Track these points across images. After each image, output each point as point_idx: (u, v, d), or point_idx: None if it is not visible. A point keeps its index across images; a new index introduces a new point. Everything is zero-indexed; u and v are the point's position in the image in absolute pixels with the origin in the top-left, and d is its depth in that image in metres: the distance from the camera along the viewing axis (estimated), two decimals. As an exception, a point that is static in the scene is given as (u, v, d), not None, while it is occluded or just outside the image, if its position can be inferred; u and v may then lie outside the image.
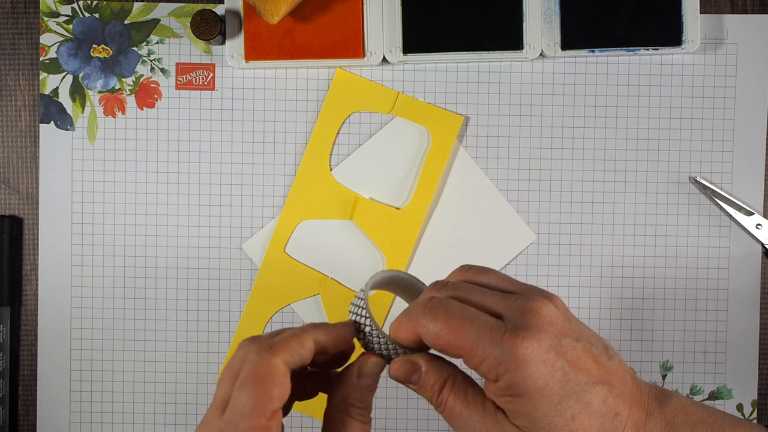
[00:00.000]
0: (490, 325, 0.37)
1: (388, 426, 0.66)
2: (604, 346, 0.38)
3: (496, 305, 0.38)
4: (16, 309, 0.66)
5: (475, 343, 0.36)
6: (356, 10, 0.63)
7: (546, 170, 0.66)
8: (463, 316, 0.37)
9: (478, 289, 0.39)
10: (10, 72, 0.66)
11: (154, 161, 0.66)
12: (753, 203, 0.66)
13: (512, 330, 0.36)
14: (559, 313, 0.38)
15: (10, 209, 0.66)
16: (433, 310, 0.38)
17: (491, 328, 0.36)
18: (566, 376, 0.36)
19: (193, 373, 0.66)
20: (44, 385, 0.66)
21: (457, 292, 0.39)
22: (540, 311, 0.37)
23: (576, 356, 0.37)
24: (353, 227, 0.65)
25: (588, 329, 0.39)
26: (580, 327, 0.38)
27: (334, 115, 0.65)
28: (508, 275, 0.41)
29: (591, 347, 0.37)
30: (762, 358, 0.66)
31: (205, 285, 0.66)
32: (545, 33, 0.64)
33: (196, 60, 0.66)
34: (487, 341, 0.36)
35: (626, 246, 0.66)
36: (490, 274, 0.41)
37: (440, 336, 0.37)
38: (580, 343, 0.37)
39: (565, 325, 0.37)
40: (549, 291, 0.39)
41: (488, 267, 0.41)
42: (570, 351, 0.37)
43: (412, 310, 0.39)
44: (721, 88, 0.66)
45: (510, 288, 0.40)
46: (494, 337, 0.36)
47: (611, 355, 0.38)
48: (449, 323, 0.37)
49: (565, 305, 0.39)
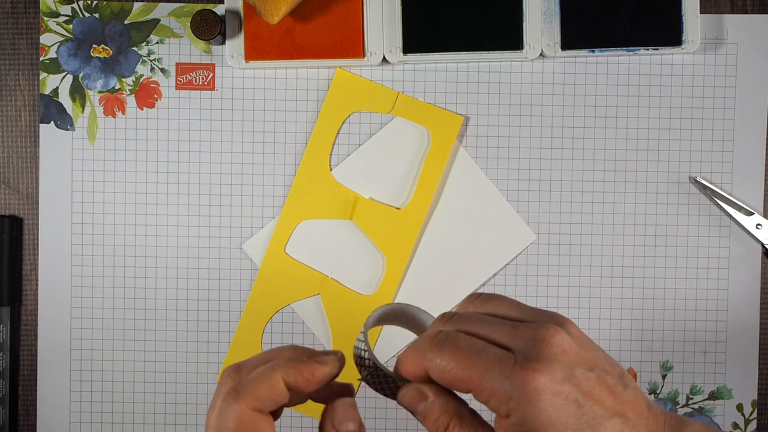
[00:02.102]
0: (499, 357, 0.35)
1: (388, 426, 0.66)
2: (619, 373, 0.37)
3: (505, 336, 0.36)
4: (16, 309, 0.66)
5: (483, 377, 0.35)
6: (356, 10, 0.63)
7: (546, 170, 0.66)
8: (470, 349, 0.36)
9: (487, 319, 0.38)
10: (10, 72, 0.66)
11: (154, 161, 0.66)
12: (753, 203, 0.66)
13: (522, 362, 0.35)
14: (572, 341, 0.36)
15: (10, 209, 0.66)
16: (440, 344, 0.36)
17: (500, 361, 0.35)
18: (580, 409, 0.35)
19: (193, 373, 0.66)
20: (44, 385, 0.66)
21: (464, 324, 0.38)
22: (551, 340, 0.35)
23: (590, 387, 0.35)
24: (353, 227, 0.65)
25: (602, 355, 0.37)
26: (594, 354, 0.37)
27: (334, 115, 0.65)
28: (517, 301, 0.39)
29: (605, 377, 0.36)
30: (762, 358, 0.66)
31: (205, 285, 0.66)
32: (545, 33, 0.64)
33: (196, 60, 0.66)
34: (496, 375, 0.35)
35: (626, 246, 0.66)
36: (499, 302, 0.39)
37: (448, 371, 0.36)
38: (594, 372, 0.36)
39: (578, 354, 0.36)
40: (561, 315, 0.38)
41: (497, 294, 0.40)
42: (584, 382, 0.35)
43: (419, 344, 0.37)
44: (721, 88, 0.66)
45: (520, 315, 0.38)
46: (503, 371, 0.35)
47: (626, 383, 0.37)
48: (457, 357, 0.36)
49: (578, 330, 0.37)
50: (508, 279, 0.66)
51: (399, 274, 0.65)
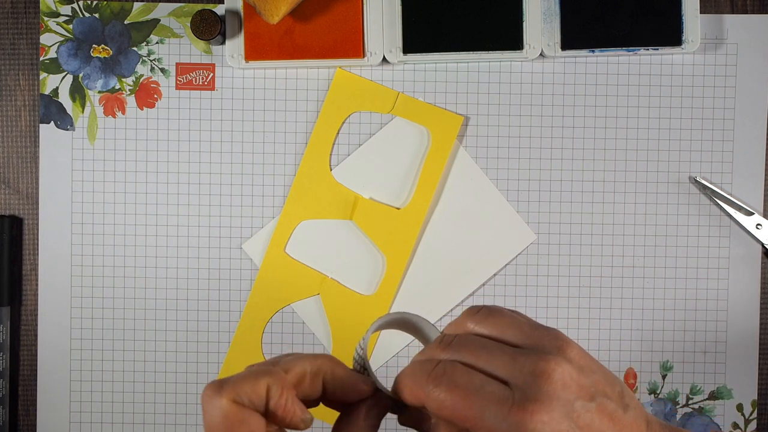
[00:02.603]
0: (497, 397, 0.34)
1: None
2: (620, 393, 0.36)
3: (503, 368, 0.36)
4: (16, 309, 0.66)
5: (481, 417, 0.34)
6: (356, 10, 0.63)
7: (546, 170, 0.66)
8: (468, 386, 0.35)
9: (486, 347, 0.37)
10: (10, 72, 0.66)
11: (154, 161, 0.66)
12: (753, 203, 0.66)
13: (520, 402, 0.34)
14: (573, 371, 0.35)
15: (10, 209, 0.66)
16: (438, 379, 0.36)
17: (498, 401, 0.34)
18: None
19: (193, 373, 0.66)
20: (44, 385, 0.66)
21: (463, 352, 0.37)
22: (551, 375, 0.35)
23: (589, 419, 0.35)
24: (353, 227, 0.65)
25: (603, 375, 0.36)
26: (594, 379, 0.36)
27: (334, 115, 0.65)
28: (518, 315, 0.39)
29: (606, 403, 0.35)
30: (762, 358, 0.66)
31: (205, 285, 0.66)
32: (545, 33, 0.64)
33: (196, 60, 0.66)
34: (493, 415, 0.34)
35: (626, 246, 0.66)
36: (498, 319, 0.38)
37: (445, 407, 0.35)
38: (594, 402, 0.35)
39: (579, 384, 0.35)
40: (562, 335, 0.37)
41: (497, 308, 0.39)
42: (584, 415, 0.35)
43: (416, 372, 0.37)
44: (721, 88, 0.66)
45: (520, 337, 0.37)
46: (501, 411, 0.34)
47: (626, 404, 0.36)
48: (454, 394, 0.35)
49: (579, 353, 0.36)
50: (508, 279, 0.66)
51: (399, 274, 0.65)
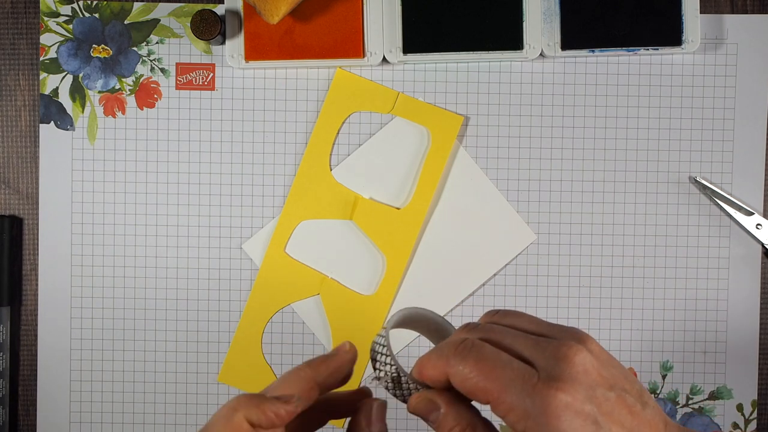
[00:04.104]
0: (522, 373, 0.35)
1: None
2: (639, 391, 0.37)
3: (528, 350, 0.36)
4: (16, 309, 0.66)
5: (505, 391, 0.35)
6: (356, 10, 0.63)
7: (546, 170, 0.66)
8: (495, 360, 0.36)
9: (510, 331, 0.38)
10: (10, 72, 0.66)
11: (154, 161, 0.66)
12: (753, 203, 0.66)
13: (545, 380, 0.35)
14: (593, 360, 0.36)
15: (10, 209, 0.66)
16: (466, 351, 0.36)
17: (523, 377, 0.35)
18: (600, 430, 0.34)
19: (193, 373, 0.66)
20: (44, 385, 0.66)
21: (489, 334, 0.38)
22: (573, 359, 0.35)
23: (610, 408, 0.35)
24: (353, 227, 0.65)
25: (622, 373, 0.37)
26: (614, 372, 0.37)
27: (334, 115, 0.65)
28: (537, 317, 0.39)
29: (625, 396, 0.36)
30: (762, 358, 0.66)
31: (205, 285, 0.66)
32: (545, 33, 0.64)
33: (196, 60, 0.66)
34: (518, 390, 0.35)
35: (626, 246, 0.66)
36: (519, 317, 0.39)
37: (469, 379, 0.36)
38: (613, 392, 0.36)
39: (599, 373, 0.36)
40: (582, 331, 0.37)
41: (515, 310, 0.40)
42: (604, 402, 0.35)
43: (443, 348, 0.37)
44: (721, 88, 0.66)
45: (541, 330, 0.38)
46: (525, 387, 0.35)
47: (645, 401, 0.37)
48: (480, 367, 0.36)
49: (599, 347, 0.37)
50: (508, 279, 0.66)
51: (399, 274, 0.65)
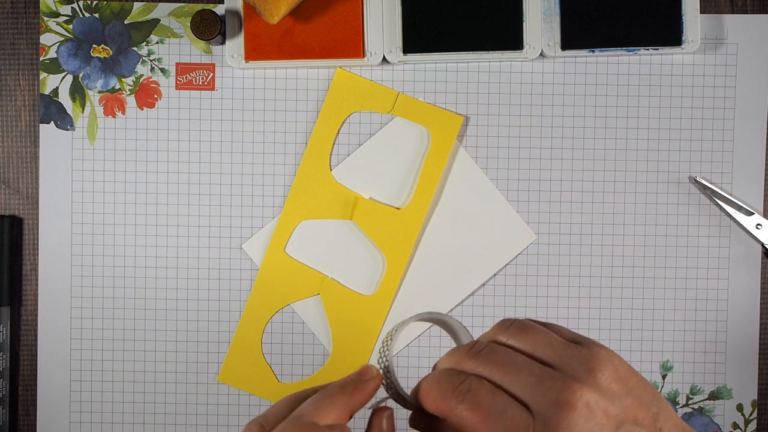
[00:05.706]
0: (517, 423, 0.35)
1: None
2: (654, 416, 0.35)
3: (529, 391, 0.35)
4: (16, 309, 0.66)
5: None
6: (356, 10, 0.63)
7: (546, 170, 0.66)
8: (490, 408, 0.35)
9: (514, 363, 0.37)
10: (10, 72, 0.66)
11: (154, 161, 0.66)
12: (753, 203, 0.66)
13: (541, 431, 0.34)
14: (600, 399, 0.35)
15: (10, 209, 0.66)
16: (462, 395, 0.36)
17: (517, 428, 0.34)
18: None
19: (193, 373, 0.66)
20: (44, 385, 0.66)
21: (491, 367, 0.37)
22: (575, 405, 0.34)
23: None
24: (353, 227, 0.65)
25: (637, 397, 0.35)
26: (625, 404, 0.35)
27: (334, 115, 0.65)
28: (552, 333, 0.38)
29: (635, 430, 0.35)
30: (762, 358, 0.66)
31: (205, 285, 0.66)
32: (545, 33, 0.64)
33: (196, 60, 0.66)
34: None
35: (626, 246, 0.66)
36: (531, 336, 0.38)
37: (465, 424, 0.36)
38: (621, 430, 0.35)
39: (606, 413, 0.34)
40: (599, 351, 0.36)
41: (530, 323, 0.38)
42: None
43: (442, 384, 0.37)
44: (721, 88, 0.66)
45: (551, 354, 0.37)
46: None
47: (659, 428, 0.35)
48: (475, 414, 0.35)
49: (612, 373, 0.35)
50: (508, 279, 0.66)
51: (399, 274, 0.65)
